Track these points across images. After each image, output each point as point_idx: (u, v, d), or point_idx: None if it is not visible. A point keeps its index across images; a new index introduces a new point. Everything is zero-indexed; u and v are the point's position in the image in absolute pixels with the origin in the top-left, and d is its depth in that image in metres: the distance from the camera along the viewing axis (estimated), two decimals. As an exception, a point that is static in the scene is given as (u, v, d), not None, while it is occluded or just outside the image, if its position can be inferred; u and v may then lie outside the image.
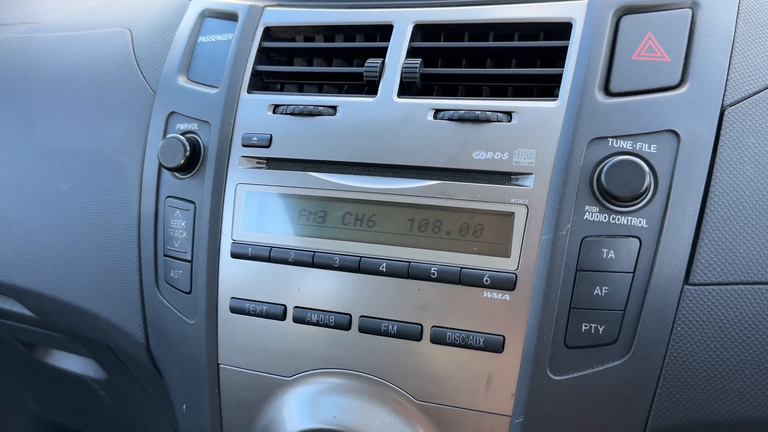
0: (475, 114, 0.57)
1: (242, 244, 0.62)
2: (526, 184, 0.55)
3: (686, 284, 0.52)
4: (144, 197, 0.68)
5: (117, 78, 0.75)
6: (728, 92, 0.54)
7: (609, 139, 0.54)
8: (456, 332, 0.55)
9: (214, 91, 0.66)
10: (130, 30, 0.79)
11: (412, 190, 0.58)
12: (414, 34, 0.63)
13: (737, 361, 0.52)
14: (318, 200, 0.60)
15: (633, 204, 0.53)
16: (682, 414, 0.53)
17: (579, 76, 0.56)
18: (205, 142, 0.65)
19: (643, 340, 0.52)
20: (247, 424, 0.64)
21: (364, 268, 0.58)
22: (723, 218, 0.52)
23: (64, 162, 0.75)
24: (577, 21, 0.58)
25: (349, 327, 0.59)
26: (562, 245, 0.53)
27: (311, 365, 0.61)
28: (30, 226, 0.75)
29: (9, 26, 0.91)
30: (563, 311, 0.53)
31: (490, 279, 0.55)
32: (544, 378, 0.53)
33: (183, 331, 0.66)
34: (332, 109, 0.61)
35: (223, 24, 0.70)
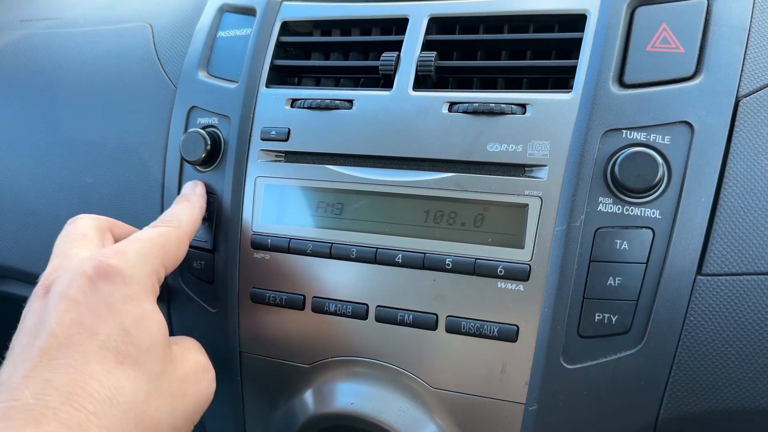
0: (490, 106, 0.57)
1: (262, 236, 0.63)
2: (540, 176, 0.56)
3: (699, 274, 0.52)
4: (167, 190, 0.70)
5: (138, 73, 0.77)
6: (743, 83, 0.54)
7: (623, 131, 0.54)
8: (470, 322, 0.56)
9: (233, 86, 0.67)
10: (150, 25, 0.81)
11: (427, 183, 0.58)
12: (429, 27, 0.63)
13: (750, 351, 0.52)
14: (335, 193, 0.61)
15: (646, 195, 0.53)
16: (695, 403, 0.54)
17: (593, 68, 0.56)
18: (225, 136, 0.67)
19: (655, 330, 0.53)
20: (267, 410, 0.66)
21: (381, 259, 0.59)
22: (736, 209, 0.52)
23: (88, 155, 0.77)
24: (592, 13, 0.58)
25: (366, 316, 0.60)
26: (575, 236, 0.54)
27: (330, 353, 0.62)
28: (56, 218, 0.77)
29: (33, 22, 0.93)
30: (577, 301, 0.54)
31: (504, 270, 0.55)
32: (558, 367, 0.54)
33: (205, 320, 0.68)
34: (349, 102, 0.62)
35: (242, 19, 0.71)
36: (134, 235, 0.55)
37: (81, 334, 0.46)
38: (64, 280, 0.49)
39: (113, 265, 0.50)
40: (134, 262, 0.51)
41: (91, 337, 0.46)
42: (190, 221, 0.60)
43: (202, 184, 0.66)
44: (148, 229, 0.57)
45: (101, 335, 0.47)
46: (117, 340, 0.47)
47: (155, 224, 0.58)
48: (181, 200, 0.63)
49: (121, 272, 0.50)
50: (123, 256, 0.51)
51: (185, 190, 0.66)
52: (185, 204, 0.62)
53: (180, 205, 0.62)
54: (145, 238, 0.55)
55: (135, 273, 0.51)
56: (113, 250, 0.52)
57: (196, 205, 0.63)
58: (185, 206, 0.62)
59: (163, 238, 0.55)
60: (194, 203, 0.63)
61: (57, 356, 0.45)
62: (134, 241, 0.53)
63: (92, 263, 0.49)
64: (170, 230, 0.57)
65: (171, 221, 0.59)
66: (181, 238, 0.58)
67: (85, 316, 0.47)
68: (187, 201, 0.63)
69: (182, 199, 0.64)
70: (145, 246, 0.53)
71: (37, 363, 0.44)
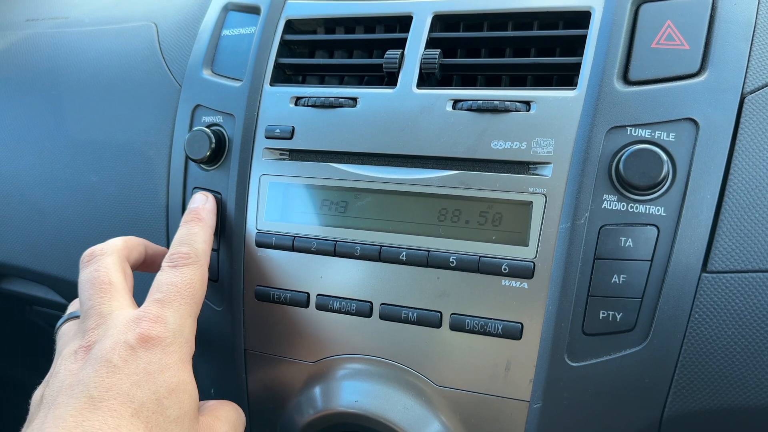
0: (494, 104, 0.57)
1: (266, 234, 0.63)
2: (544, 173, 0.55)
3: (704, 272, 0.52)
4: (172, 188, 0.70)
5: (143, 72, 0.77)
6: (748, 80, 0.54)
7: (627, 128, 0.54)
8: (475, 319, 0.56)
9: (237, 84, 0.68)
10: (155, 24, 0.81)
11: (431, 180, 0.58)
12: (433, 25, 0.63)
13: (755, 349, 0.52)
14: (339, 191, 0.62)
15: (651, 192, 0.53)
16: (699, 400, 0.54)
17: (598, 65, 0.56)
18: (229, 135, 0.67)
19: (660, 328, 0.53)
20: (273, 408, 0.66)
21: (385, 257, 0.59)
22: (742, 206, 0.52)
23: (94, 154, 0.77)
24: (596, 9, 0.58)
25: (370, 314, 0.60)
26: (580, 234, 0.54)
27: (334, 351, 0.62)
28: (62, 216, 0.78)
29: (39, 21, 0.93)
30: (581, 299, 0.54)
31: (508, 267, 0.55)
32: (562, 364, 0.54)
33: (211, 318, 0.68)
34: (353, 100, 0.62)
35: (246, 17, 0.71)
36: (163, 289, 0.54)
37: (116, 399, 0.47)
38: (106, 346, 0.50)
39: (154, 336, 0.51)
40: (173, 329, 0.52)
41: (124, 403, 0.47)
42: (206, 249, 0.60)
43: (213, 199, 0.64)
44: (171, 274, 0.56)
45: (136, 403, 0.47)
46: (150, 409, 0.48)
47: (174, 261, 0.57)
48: (192, 220, 0.61)
49: (162, 341, 0.51)
50: (163, 325, 0.52)
51: (195, 204, 0.64)
52: (199, 227, 0.61)
53: (192, 228, 0.60)
54: (176, 294, 0.54)
55: (174, 341, 0.52)
56: (152, 317, 0.52)
57: (209, 225, 0.62)
58: (199, 230, 0.60)
59: (190, 288, 0.55)
60: (207, 223, 0.62)
61: (90, 418, 0.46)
62: (168, 302, 0.53)
63: (135, 333, 0.50)
64: (193, 272, 0.56)
65: (188, 255, 0.57)
66: (203, 276, 0.57)
67: (123, 382, 0.48)
68: (200, 222, 0.61)
69: (193, 219, 0.62)
70: (180, 307, 0.54)
71: (70, 422, 0.45)
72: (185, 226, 0.61)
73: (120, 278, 0.57)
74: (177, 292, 0.54)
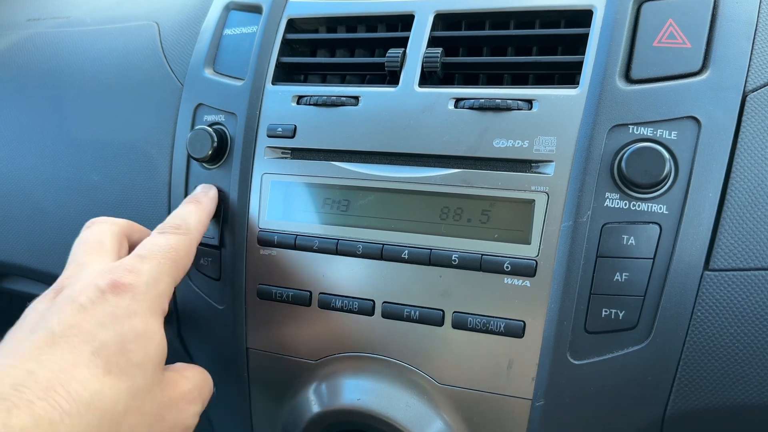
0: (496, 102, 0.57)
1: (268, 232, 0.64)
2: (546, 171, 0.56)
3: (706, 270, 0.52)
4: (173, 187, 0.70)
5: (145, 71, 0.77)
6: (750, 78, 0.54)
7: (629, 126, 0.54)
8: (477, 318, 0.56)
9: (239, 83, 0.68)
10: (157, 23, 0.81)
11: (434, 179, 0.59)
12: (435, 24, 0.63)
13: (758, 346, 0.52)
14: (341, 189, 0.62)
15: (653, 190, 0.53)
16: (702, 398, 0.54)
17: (600, 64, 0.56)
18: (231, 134, 0.67)
19: (662, 326, 0.53)
20: (274, 406, 0.67)
21: (387, 256, 0.59)
22: (744, 204, 0.52)
23: (95, 153, 0.77)
24: (598, 8, 0.58)
25: (372, 312, 0.60)
26: (582, 232, 0.54)
27: (336, 349, 0.62)
28: (64, 216, 0.78)
29: (40, 21, 0.93)
30: (583, 297, 0.54)
31: (510, 265, 0.55)
32: (565, 362, 0.54)
33: (212, 316, 0.68)
34: (355, 99, 0.62)
35: (248, 16, 0.71)
36: (147, 247, 0.55)
37: (78, 337, 0.46)
38: (76, 288, 0.50)
39: (126, 283, 0.50)
40: (147, 282, 0.52)
41: (86, 342, 0.47)
42: (198, 226, 0.60)
43: (215, 189, 0.65)
44: (158, 237, 0.56)
45: (97, 342, 0.47)
46: (111, 350, 0.47)
47: (164, 229, 0.58)
48: (191, 201, 0.63)
49: (133, 290, 0.50)
50: (137, 275, 0.51)
51: (196, 192, 0.65)
52: (194, 206, 0.62)
53: (188, 207, 0.61)
54: (158, 253, 0.54)
55: (146, 292, 0.51)
56: (127, 267, 0.52)
57: (206, 208, 0.63)
58: (194, 209, 0.61)
59: (173, 251, 0.55)
60: (204, 206, 0.62)
61: (48, 352, 0.45)
62: (147, 258, 0.53)
63: (106, 279, 0.50)
64: (180, 239, 0.57)
65: (179, 227, 0.58)
66: (190, 246, 0.58)
67: (87, 321, 0.48)
68: (197, 203, 0.62)
69: (192, 201, 0.63)
70: (159, 264, 0.54)
71: (26, 355, 0.45)
72: (182, 206, 0.62)
73: (111, 242, 0.57)
74: (159, 251, 0.54)
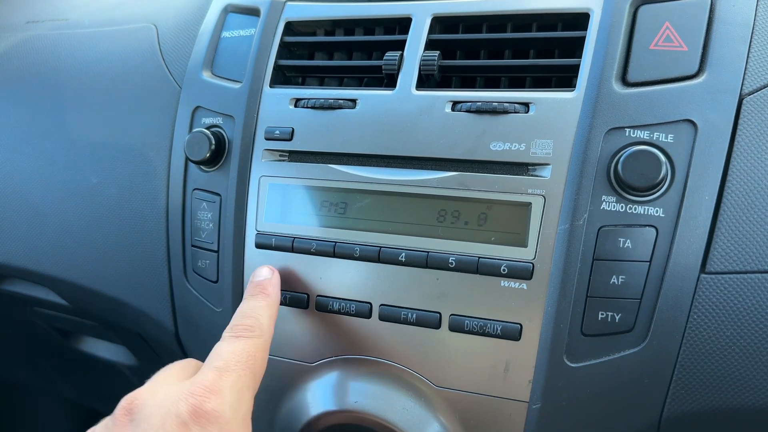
0: (493, 105, 0.57)
1: (266, 235, 0.64)
2: (543, 174, 0.56)
3: (702, 273, 0.52)
4: (172, 190, 0.70)
5: (144, 73, 0.77)
6: (747, 81, 0.54)
7: (626, 129, 0.54)
8: (474, 320, 0.56)
9: (237, 86, 0.68)
10: (155, 25, 0.81)
11: (431, 182, 0.59)
12: (432, 27, 0.63)
13: (754, 349, 0.52)
14: (339, 192, 0.62)
15: (650, 194, 0.53)
16: (698, 401, 0.54)
17: (596, 67, 0.56)
18: (229, 136, 0.67)
19: (659, 329, 0.53)
20: (272, 409, 0.66)
21: (384, 258, 0.59)
22: (740, 207, 0.52)
23: (94, 156, 0.77)
24: (595, 11, 0.58)
25: (369, 315, 0.60)
26: (579, 235, 0.54)
27: (333, 352, 0.62)
28: (63, 218, 0.78)
29: (39, 23, 0.93)
30: (580, 300, 0.54)
31: (507, 268, 0.55)
32: (561, 365, 0.54)
33: (210, 319, 0.68)
34: (352, 102, 0.62)
35: (246, 19, 0.72)
36: (223, 357, 0.51)
37: None
38: (154, 421, 0.45)
39: (210, 411, 0.46)
40: (231, 404, 0.47)
41: None
42: (271, 324, 0.56)
43: (277, 273, 0.61)
44: (233, 343, 0.52)
45: None
46: None
47: (237, 332, 0.54)
48: (258, 294, 0.58)
49: (219, 419, 0.46)
50: (219, 397, 0.47)
51: (260, 277, 0.60)
52: (264, 301, 0.57)
53: (258, 302, 0.57)
54: (236, 365, 0.50)
55: (232, 418, 0.47)
56: (207, 387, 0.47)
57: (275, 300, 0.58)
58: (264, 305, 0.57)
59: (251, 360, 0.51)
60: (273, 299, 0.58)
61: None
62: (226, 371, 0.49)
63: (187, 405, 0.46)
64: (256, 345, 0.53)
65: (253, 329, 0.54)
66: (265, 350, 0.54)
67: None
68: (266, 297, 0.58)
69: (259, 293, 0.58)
70: (239, 377, 0.49)
71: None
72: (251, 299, 0.58)
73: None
74: (237, 362, 0.50)
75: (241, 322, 0.55)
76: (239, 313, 0.56)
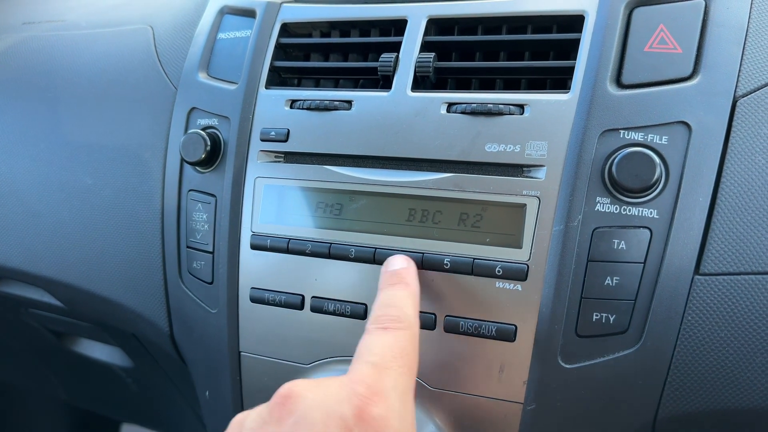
0: (488, 107, 0.57)
1: (261, 236, 0.64)
2: (537, 176, 0.56)
3: (697, 274, 0.52)
4: (167, 191, 0.70)
5: (140, 75, 0.77)
6: (741, 83, 0.54)
7: (620, 131, 0.54)
8: (469, 321, 0.56)
9: (233, 87, 0.68)
10: (151, 27, 0.81)
11: (426, 183, 0.59)
12: (428, 29, 0.63)
13: (748, 351, 0.52)
14: (334, 193, 0.62)
15: (644, 195, 0.53)
16: (693, 402, 0.54)
17: (591, 69, 0.56)
18: (225, 137, 0.67)
19: (653, 330, 0.53)
20: (267, 410, 0.66)
21: (379, 259, 0.59)
22: (734, 208, 0.52)
23: (89, 157, 0.77)
24: (590, 13, 0.58)
25: (364, 316, 0.60)
26: (573, 236, 0.54)
27: (328, 353, 0.62)
28: (58, 219, 0.78)
29: (35, 24, 0.93)
30: (574, 301, 0.54)
31: (502, 270, 0.56)
32: (556, 366, 0.54)
33: (205, 320, 0.68)
34: (348, 103, 0.63)
35: (242, 21, 0.72)
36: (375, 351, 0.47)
37: None
38: (316, 418, 0.41)
39: (377, 418, 0.42)
40: (398, 411, 0.43)
41: None
42: (417, 316, 0.52)
43: (413, 262, 0.57)
44: (383, 336, 0.48)
45: None
46: None
47: (384, 323, 0.49)
48: (398, 283, 0.54)
49: (386, 428, 0.42)
50: (384, 400, 0.43)
51: (396, 266, 0.56)
52: (406, 291, 0.53)
53: (400, 291, 0.53)
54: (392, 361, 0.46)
55: (400, 429, 0.43)
56: (370, 387, 0.43)
57: (416, 290, 0.54)
58: (407, 294, 0.53)
59: (406, 356, 0.47)
60: (414, 288, 0.54)
61: None
62: (384, 369, 0.45)
63: (352, 408, 0.42)
64: (407, 337, 0.48)
65: (400, 319, 0.49)
66: (416, 344, 0.50)
67: None
68: (407, 286, 0.54)
69: (398, 281, 0.54)
70: (400, 377, 0.45)
71: None
72: (390, 288, 0.53)
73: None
74: (393, 357, 0.46)
75: (385, 313, 0.50)
76: (381, 303, 0.52)
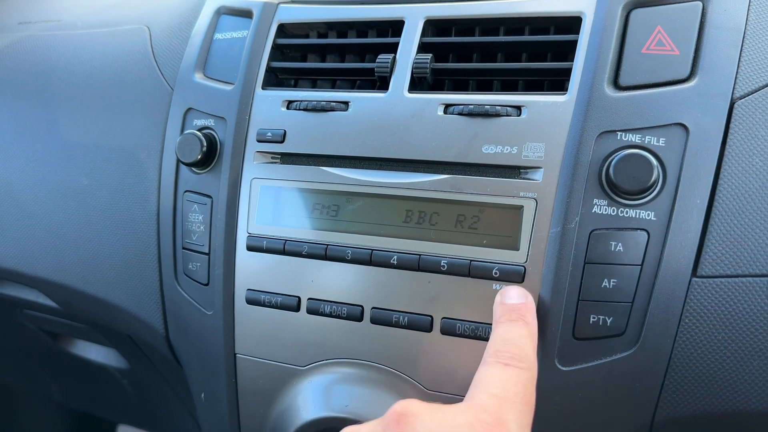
0: (485, 108, 0.57)
1: (257, 238, 0.63)
2: (535, 177, 0.56)
3: (694, 276, 0.52)
4: (163, 192, 0.70)
5: (136, 75, 0.77)
6: (738, 85, 0.54)
7: (618, 133, 0.54)
8: (466, 323, 0.56)
9: (229, 88, 0.68)
10: (148, 27, 0.81)
11: (423, 184, 0.58)
12: (425, 30, 0.63)
13: (745, 353, 0.52)
14: (331, 194, 0.61)
15: (641, 197, 0.53)
16: (690, 405, 0.54)
17: (588, 70, 0.56)
18: (221, 138, 0.67)
19: (650, 332, 0.53)
20: (262, 412, 0.66)
21: (376, 261, 0.59)
22: (731, 210, 0.52)
23: (85, 157, 0.77)
24: (587, 15, 0.58)
25: (361, 318, 0.60)
26: (570, 238, 0.54)
27: (325, 355, 0.62)
28: (53, 220, 0.78)
29: (31, 24, 0.93)
30: (571, 303, 0.54)
31: (499, 271, 0.55)
32: (553, 369, 0.54)
33: (201, 321, 0.68)
34: (344, 104, 0.62)
35: (239, 21, 0.71)
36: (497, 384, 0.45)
37: None
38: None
39: None
40: None
41: None
42: (536, 358, 0.50)
43: (531, 298, 0.54)
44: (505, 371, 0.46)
45: None
46: None
47: (506, 360, 0.47)
48: (518, 319, 0.51)
49: None
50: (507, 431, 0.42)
51: (514, 299, 0.53)
52: (526, 330, 0.51)
53: (520, 330, 0.50)
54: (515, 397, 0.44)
55: None
56: (494, 415, 0.42)
57: (535, 330, 0.52)
58: (527, 334, 0.50)
59: (527, 395, 0.45)
60: (533, 328, 0.52)
61: None
62: (507, 402, 0.44)
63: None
64: (528, 378, 0.47)
65: (522, 359, 0.47)
66: (535, 387, 0.47)
67: None
68: (527, 325, 0.51)
69: (519, 317, 0.52)
70: (522, 415, 0.44)
71: None
72: (510, 324, 0.51)
73: None
74: (516, 393, 0.45)
75: (506, 349, 0.48)
76: (500, 338, 0.50)
